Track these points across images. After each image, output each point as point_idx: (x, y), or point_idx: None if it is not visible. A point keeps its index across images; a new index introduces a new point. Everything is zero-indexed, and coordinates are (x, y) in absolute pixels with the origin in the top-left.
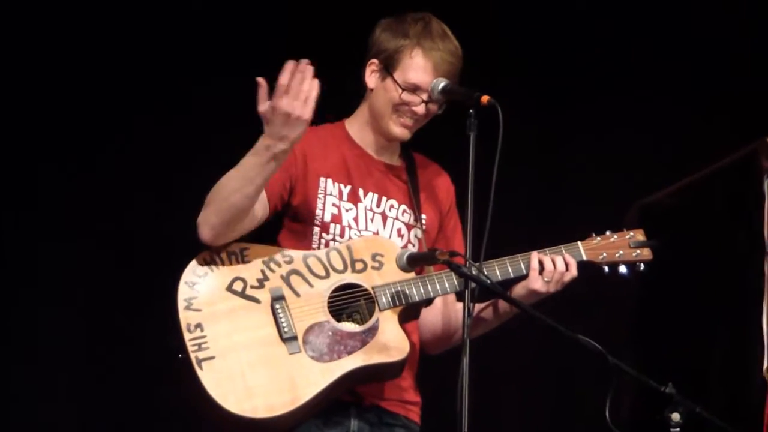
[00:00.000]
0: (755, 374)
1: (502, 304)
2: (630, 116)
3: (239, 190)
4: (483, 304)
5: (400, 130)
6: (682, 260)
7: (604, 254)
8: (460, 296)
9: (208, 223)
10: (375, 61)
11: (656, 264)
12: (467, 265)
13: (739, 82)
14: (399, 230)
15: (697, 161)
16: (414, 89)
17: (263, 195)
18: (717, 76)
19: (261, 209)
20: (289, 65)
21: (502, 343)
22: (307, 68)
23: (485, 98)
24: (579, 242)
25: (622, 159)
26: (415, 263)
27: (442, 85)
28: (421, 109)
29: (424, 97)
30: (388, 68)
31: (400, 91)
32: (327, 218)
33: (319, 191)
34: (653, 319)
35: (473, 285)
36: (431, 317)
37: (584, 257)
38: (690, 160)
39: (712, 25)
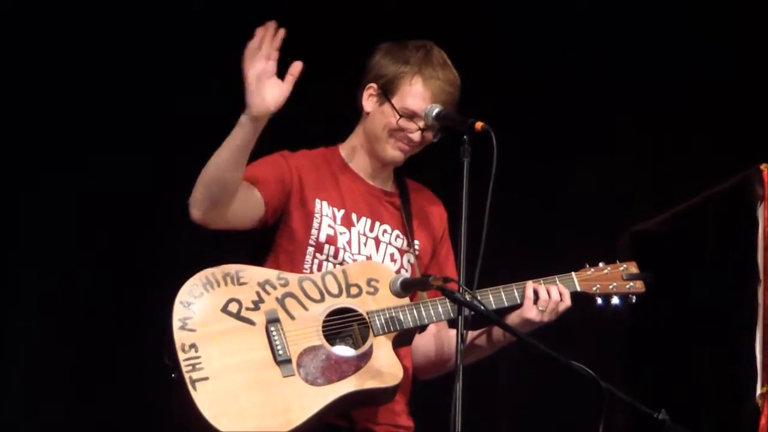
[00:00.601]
0: (748, 401)
1: (496, 332)
2: (625, 143)
3: (223, 162)
4: (477, 332)
5: (395, 154)
6: (674, 287)
7: (598, 286)
8: (453, 323)
9: (195, 202)
10: (373, 85)
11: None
12: (461, 291)
13: (731, 108)
14: (392, 255)
15: (690, 188)
16: (411, 116)
17: (257, 193)
18: (710, 101)
19: (254, 205)
20: (258, 31)
21: (495, 369)
22: (269, 25)
23: (479, 124)
24: (573, 273)
25: (616, 186)
26: (408, 289)
27: (436, 111)
28: (416, 136)
29: (421, 124)
30: (386, 93)
31: (397, 117)
32: (322, 238)
33: (316, 211)
34: (646, 345)
35: (466, 311)
36: (424, 343)
37: (578, 288)
38: (683, 187)
39: (706, 48)
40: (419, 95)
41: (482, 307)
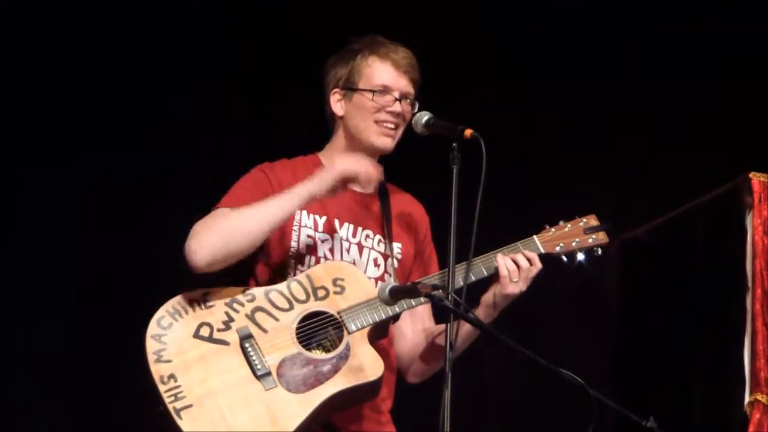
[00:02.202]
0: (737, 409)
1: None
2: (614, 151)
3: (275, 217)
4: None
5: (383, 140)
6: (664, 295)
7: (561, 244)
8: (439, 318)
9: (208, 250)
10: (336, 89)
11: (638, 298)
12: (449, 298)
13: (721, 116)
14: (375, 260)
15: (680, 196)
16: (383, 91)
17: None
18: (698, 110)
19: None
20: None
21: (483, 375)
22: None
23: (468, 132)
24: (534, 236)
25: (605, 193)
26: (397, 297)
27: (425, 118)
28: (396, 107)
29: (396, 95)
30: (351, 87)
31: (371, 96)
32: (303, 250)
33: (294, 224)
34: (635, 352)
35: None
36: (411, 344)
37: (542, 250)
38: (672, 195)
39: (698, 53)
40: (381, 68)
41: (472, 316)
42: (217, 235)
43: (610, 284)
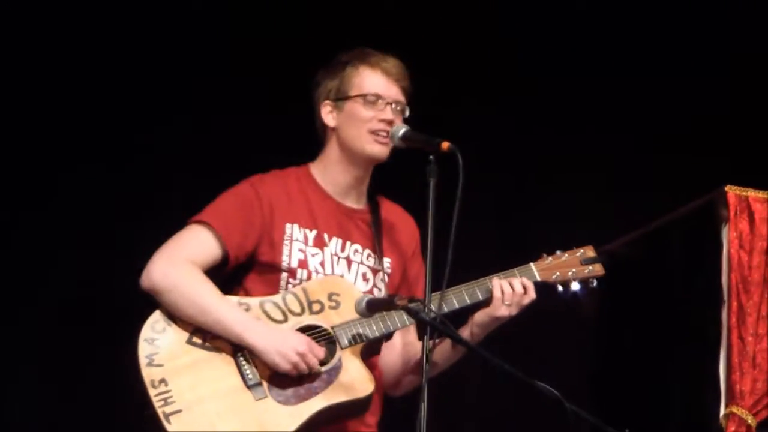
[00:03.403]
0: (713, 421)
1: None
2: (590, 163)
3: (194, 318)
4: (441, 342)
5: (378, 148)
6: (639, 308)
7: (557, 273)
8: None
9: (159, 280)
10: (327, 101)
11: (615, 311)
12: (426, 311)
13: (697, 130)
14: (364, 275)
15: (656, 209)
16: (375, 99)
17: (214, 242)
18: (677, 123)
19: (217, 260)
20: None
21: (461, 389)
22: None
23: (445, 144)
24: (531, 264)
25: (581, 206)
26: (374, 309)
27: (402, 131)
28: (389, 114)
29: (389, 100)
30: (343, 97)
31: (362, 103)
32: (294, 264)
33: (285, 238)
34: (612, 365)
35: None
36: (393, 357)
37: (538, 278)
38: (648, 208)
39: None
40: (372, 77)
41: (450, 329)
42: (172, 283)
43: (586, 298)
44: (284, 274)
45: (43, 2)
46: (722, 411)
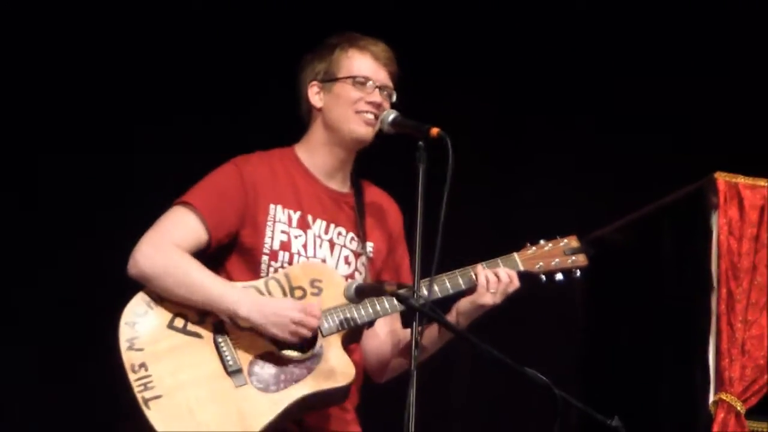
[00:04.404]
0: (702, 409)
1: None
2: (581, 149)
3: (186, 299)
4: (428, 327)
5: (364, 129)
6: (629, 294)
7: (541, 263)
8: (406, 322)
9: (147, 269)
10: (314, 82)
11: (604, 298)
12: (415, 297)
13: (688, 117)
14: (346, 257)
15: (646, 196)
16: (364, 81)
17: (198, 224)
18: (667, 110)
19: (200, 243)
20: None
21: (449, 376)
22: None
23: (435, 130)
24: (515, 253)
25: (571, 194)
26: (363, 295)
27: (392, 116)
28: (376, 97)
29: (377, 83)
30: (331, 78)
31: (351, 84)
32: (276, 246)
33: (268, 219)
34: (602, 352)
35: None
36: (377, 344)
37: (521, 268)
38: (638, 195)
39: (666, 55)
40: (361, 60)
41: (438, 315)
42: (160, 268)
43: (575, 284)
44: (265, 257)
45: None
46: (711, 398)
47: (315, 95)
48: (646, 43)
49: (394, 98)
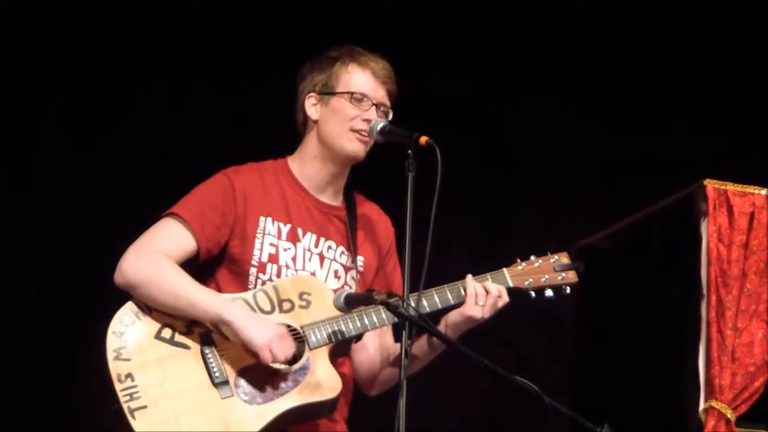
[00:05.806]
0: (692, 416)
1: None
2: (571, 158)
3: (173, 308)
4: (418, 339)
5: (356, 146)
6: (619, 301)
7: (530, 280)
8: (397, 335)
9: (133, 278)
10: (312, 94)
11: (593, 306)
12: (405, 306)
13: (677, 125)
14: (336, 271)
15: (636, 203)
16: (361, 98)
17: (186, 234)
18: (656, 117)
19: (189, 254)
20: None
21: (439, 386)
22: None
23: (424, 139)
24: (504, 269)
25: (560, 201)
26: (352, 304)
27: (381, 125)
28: (372, 114)
29: (374, 101)
30: (329, 92)
31: (349, 99)
32: (264, 258)
33: (258, 231)
34: (591, 359)
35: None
36: (367, 357)
37: (510, 284)
38: (628, 202)
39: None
40: (361, 76)
41: (427, 324)
42: (144, 276)
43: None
44: (253, 269)
45: None
46: (701, 405)
47: (312, 107)
48: (638, 50)
49: (390, 117)
